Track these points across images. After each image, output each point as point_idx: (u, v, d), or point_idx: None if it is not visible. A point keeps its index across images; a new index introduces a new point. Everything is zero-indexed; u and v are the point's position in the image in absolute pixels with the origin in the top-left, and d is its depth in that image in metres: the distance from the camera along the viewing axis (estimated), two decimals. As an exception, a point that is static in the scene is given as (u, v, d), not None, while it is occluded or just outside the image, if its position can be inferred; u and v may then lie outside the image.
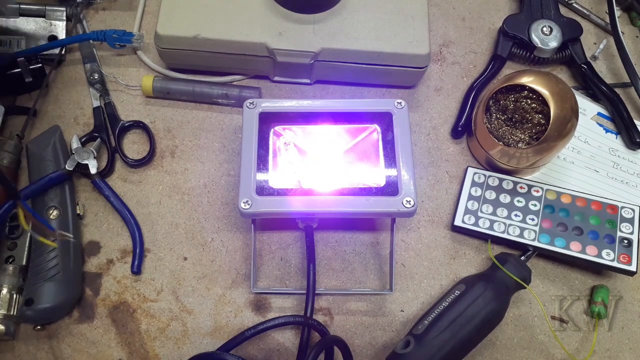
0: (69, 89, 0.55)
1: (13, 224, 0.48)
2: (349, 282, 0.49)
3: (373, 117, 0.46)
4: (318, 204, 0.42)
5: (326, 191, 0.43)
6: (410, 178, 0.43)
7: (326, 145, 0.47)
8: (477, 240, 0.51)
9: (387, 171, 0.44)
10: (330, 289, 0.49)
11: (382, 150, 0.44)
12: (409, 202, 0.42)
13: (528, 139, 0.49)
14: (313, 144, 0.47)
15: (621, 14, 0.63)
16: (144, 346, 0.46)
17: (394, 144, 0.44)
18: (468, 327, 0.43)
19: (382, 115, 0.46)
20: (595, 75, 0.57)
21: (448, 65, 0.59)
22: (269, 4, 0.52)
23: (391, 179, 0.43)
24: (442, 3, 0.62)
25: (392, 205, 0.42)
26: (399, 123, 0.45)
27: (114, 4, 0.59)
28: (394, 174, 0.43)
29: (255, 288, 0.47)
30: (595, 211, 0.50)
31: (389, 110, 0.45)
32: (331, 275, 0.49)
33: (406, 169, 0.43)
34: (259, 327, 0.42)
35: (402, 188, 0.43)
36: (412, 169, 0.43)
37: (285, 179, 0.45)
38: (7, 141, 0.50)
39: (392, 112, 0.45)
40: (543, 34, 0.57)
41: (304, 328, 0.45)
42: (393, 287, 0.47)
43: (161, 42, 0.51)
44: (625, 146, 0.56)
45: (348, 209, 0.42)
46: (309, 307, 0.45)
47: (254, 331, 0.42)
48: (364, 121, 0.46)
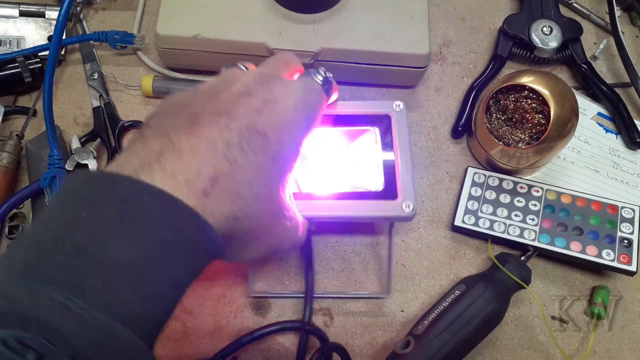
0: (69, 89, 0.55)
1: (13, 224, 0.48)
2: (349, 282, 0.49)
3: (371, 120, 0.45)
4: (316, 208, 0.41)
5: (324, 195, 0.42)
6: (409, 182, 0.42)
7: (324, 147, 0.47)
8: (477, 240, 0.51)
9: (386, 175, 0.43)
10: (328, 292, 0.48)
11: (380, 154, 0.44)
12: (409, 207, 0.41)
13: (528, 139, 0.49)
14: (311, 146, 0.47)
15: (621, 14, 0.63)
16: (143, 346, 0.46)
17: (392, 147, 0.44)
18: (468, 327, 0.43)
19: (380, 117, 0.45)
20: (595, 75, 0.57)
21: (448, 65, 0.59)
22: (269, 4, 0.52)
23: (390, 183, 0.42)
24: (442, 3, 0.62)
25: (392, 210, 0.41)
26: (397, 125, 0.44)
27: (113, 3, 0.59)
28: (393, 177, 0.43)
29: (252, 292, 0.47)
30: (596, 211, 0.50)
31: (387, 112, 0.45)
32: (331, 276, 0.49)
33: (405, 172, 0.43)
34: (255, 333, 0.43)
35: (401, 192, 0.42)
36: (412, 172, 0.43)
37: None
38: (7, 141, 0.50)
39: (391, 115, 0.45)
40: (543, 34, 0.57)
41: (302, 333, 0.45)
42: (391, 290, 0.47)
43: (161, 42, 0.51)
44: (625, 146, 0.56)
45: (346, 213, 0.42)
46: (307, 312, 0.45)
47: (251, 337, 0.42)
48: (362, 124, 0.45)
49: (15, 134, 0.50)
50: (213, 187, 0.28)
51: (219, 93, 0.32)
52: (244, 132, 0.30)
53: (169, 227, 0.26)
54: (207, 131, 0.29)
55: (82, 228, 0.25)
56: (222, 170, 0.28)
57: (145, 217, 0.25)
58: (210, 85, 0.33)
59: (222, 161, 0.29)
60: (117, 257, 0.24)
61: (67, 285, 0.23)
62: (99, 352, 0.23)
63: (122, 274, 0.24)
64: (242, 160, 0.29)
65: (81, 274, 0.24)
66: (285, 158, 0.33)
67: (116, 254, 0.24)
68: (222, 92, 0.32)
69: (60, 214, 0.26)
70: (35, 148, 0.50)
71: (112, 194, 0.26)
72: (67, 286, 0.23)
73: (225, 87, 0.33)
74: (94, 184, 0.26)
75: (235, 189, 0.29)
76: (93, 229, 0.25)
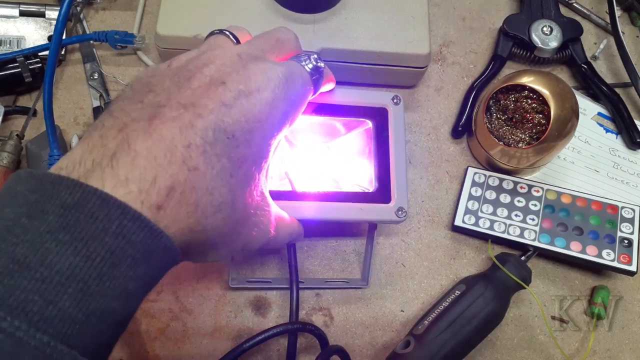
0: (69, 88, 0.55)
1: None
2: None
3: (367, 112, 0.43)
4: (307, 211, 0.40)
5: (314, 197, 0.40)
6: (403, 183, 0.41)
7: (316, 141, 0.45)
8: (477, 240, 0.51)
9: (379, 173, 0.42)
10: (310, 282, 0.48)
11: (375, 152, 0.42)
12: (402, 212, 0.40)
13: (528, 139, 0.49)
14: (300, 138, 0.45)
15: (621, 14, 0.63)
16: (144, 347, 0.46)
17: (387, 145, 0.42)
18: (468, 327, 0.43)
19: (377, 110, 0.43)
20: (595, 75, 0.57)
21: (448, 65, 0.59)
22: (269, 3, 0.52)
23: (383, 184, 0.41)
24: (442, 3, 0.62)
25: (384, 214, 0.41)
26: (394, 121, 0.43)
27: (114, 3, 0.59)
28: (386, 178, 0.41)
29: (232, 282, 0.46)
30: (596, 211, 0.50)
31: (384, 105, 0.43)
32: (330, 276, 0.49)
33: (399, 174, 0.41)
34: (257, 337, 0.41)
35: (394, 195, 0.41)
36: (405, 172, 0.42)
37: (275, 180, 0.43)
38: (7, 141, 0.50)
39: (388, 108, 0.43)
40: (543, 34, 0.57)
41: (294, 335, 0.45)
42: (369, 281, 0.47)
43: (161, 42, 0.51)
44: (625, 146, 0.56)
45: (338, 216, 0.40)
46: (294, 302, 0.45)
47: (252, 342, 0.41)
48: (356, 115, 0.43)
49: (15, 134, 0.50)
50: (168, 198, 0.25)
51: (190, 78, 0.29)
52: (209, 134, 0.27)
53: (117, 236, 0.24)
54: (167, 130, 0.26)
55: (22, 236, 0.22)
56: (179, 179, 0.26)
57: (91, 225, 0.23)
58: (183, 62, 0.31)
59: (181, 168, 0.26)
60: (61, 269, 0.22)
61: (3, 303, 0.21)
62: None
63: (67, 288, 0.22)
64: (204, 167, 0.27)
65: (20, 289, 0.21)
66: (253, 160, 0.30)
67: (60, 265, 0.22)
68: (193, 76, 0.29)
69: (0, 220, 0.23)
70: (35, 148, 0.50)
71: (56, 198, 0.23)
72: (3, 304, 0.21)
73: (198, 70, 0.29)
74: (38, 187, 0.24)
75: (193, 199, 0.26)
76: (34, 237, 0.22)
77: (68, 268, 0.22)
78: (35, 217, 0.23)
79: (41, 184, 0.24)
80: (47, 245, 0.22)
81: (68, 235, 0.23)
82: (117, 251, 0.24)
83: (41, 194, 0.24)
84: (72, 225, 0.23)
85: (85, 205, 0.23)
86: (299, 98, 0.34)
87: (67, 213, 0.23)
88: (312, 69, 0.35)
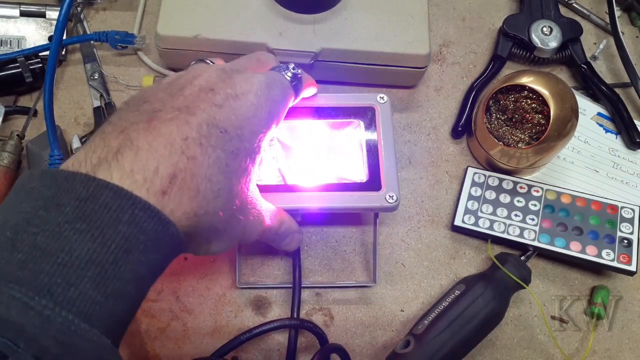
0: (70, 89, 0.55)
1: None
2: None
3: (356, 112, 0.46)
4: (301, 200, 0.42)
5: (309, 187, 0.43)
6: (393, 173, 0.43)
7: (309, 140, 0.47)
8: (477, 240, 0.51)
9: (370, 166, 0.44)
10: (316, 282, 0.49)
11: (364, 145, 0.45)
12: (392, 197, 0.42)
13: (528, 139, 0.49)
14: (296, 139, 0.47)
15: (621, 14, 0.63)
16: (144, 346, 0.46)
17: (376, 139, 0.44)
18: (468, 327, 0.43)
19: (364, 109, 0.46)
20: (595, 75, 0.57)
21: (448, 65, 0.59)
22: (269, 4, 0.52)
23: (374, 175, 0.43)
24: (442, 3, 0.62)
25: (375, 200, 0.42)
26: (381, 118, 0.45)
27: (114, 4, 0.59)
28: (376, 169, 0.43)
29: (240, 283, 0.47)
30: (595, 211, 0.50)
31: (371, 104, 0.46)
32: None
33: (389, 163, 0.43)
34: (254, 330, 0.43)
35: (384, 183, 0.43)
36: (395, 163, 0.44)
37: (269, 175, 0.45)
38: (8, 141, 0.50)
39: (375, 107, 0.45)
40: (543, 34, 0.57)
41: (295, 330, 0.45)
42: (377, 280, 0.48)
43: (161, 42, 0.51)
44: (625, 146, 0.56)
45: (331, 204, 0.42)
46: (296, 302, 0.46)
47: (249, 335, 0.43)
48: (346, 116, 0.46)
49: (16, 134, 0.50)
50: (171, 185, 0.28)
51: (181, 88, 0.32)
52: (203, 128, 0.30)
53: (130, 224, 0.26)
54: (165, 127, 0.29)
55: (42, 226, 0.24)
56: (180, 167, 0.28)
57: (106, 215, 0.25)
58: (172, 80, 0.33)
59: (180, 157, 0.28)
60: (80, 254, 0.24)
61: (30, 285, 0.23)
62: (65, 351, 0.22)
63: (86, 272, 0.24)
64: (201, 156, 0.29)
65: (44, 273, 0.23)
66: (246, 153, 0.33)
67: (79, 251, 0.24)
68: (184, 87, 0.32)
69: (18, 213, 0.25)
70: (36, 148, 0.50)
71: (71, 192, 0.25)
72: (30, 286, 0.23)
73: (188, 82, 0.32)
74: (52, 182, 0.26)
75: (194, 185, 0.29)
76: (53, 227, 0.24)
77: (87, 254, 0.24)
78: (53, 210, 0.25)
79: (56, 180, 0.26)
80: (66, 234, 0.24)
81: (85, 225, 0.25)
82: (131, 238, 0.26)
83: (57, 188, 0.26)
84: (88, 216, 0.25)
85: (99, 198, 0.25)
86: (281, 100, 0.37)
87: (83, 205, 0.25)
88: (291, 77, 0.39)
